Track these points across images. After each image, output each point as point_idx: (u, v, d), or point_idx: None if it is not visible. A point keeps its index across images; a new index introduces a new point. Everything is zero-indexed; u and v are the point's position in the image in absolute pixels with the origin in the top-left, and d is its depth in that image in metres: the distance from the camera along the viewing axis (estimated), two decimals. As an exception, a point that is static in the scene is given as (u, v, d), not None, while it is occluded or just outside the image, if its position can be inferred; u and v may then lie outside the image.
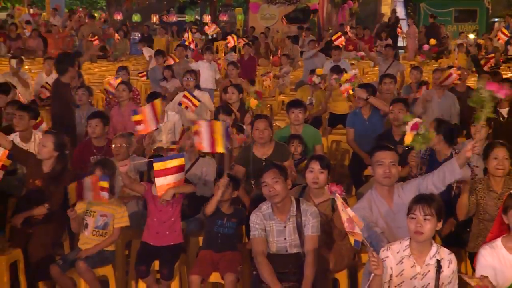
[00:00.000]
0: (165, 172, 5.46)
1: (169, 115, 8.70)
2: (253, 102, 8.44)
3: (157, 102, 6.88)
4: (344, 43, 13.38)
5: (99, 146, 7.23)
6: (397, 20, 24.80)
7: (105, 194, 5.50)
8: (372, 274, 4.14)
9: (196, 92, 9.81)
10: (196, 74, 10.48)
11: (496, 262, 4.15)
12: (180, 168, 5.53)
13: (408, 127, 5.50)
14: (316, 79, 10.64)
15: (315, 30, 23.08)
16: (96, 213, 5.75)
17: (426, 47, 18.57)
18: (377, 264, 4.08)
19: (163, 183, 5.48)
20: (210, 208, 5.50)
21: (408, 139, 5.39)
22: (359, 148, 7.98)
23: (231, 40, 15.06)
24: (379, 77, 10.73)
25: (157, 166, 5.48)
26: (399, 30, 22.61)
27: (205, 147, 5.68)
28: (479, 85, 4.83)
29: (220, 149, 5.55)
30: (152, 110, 6.70)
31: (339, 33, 14.21)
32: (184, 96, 8.92)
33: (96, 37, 16.91)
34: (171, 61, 13.31)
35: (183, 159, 5.58)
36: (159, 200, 5.61)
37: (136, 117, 6.72)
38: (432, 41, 19.39)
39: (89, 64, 18.22)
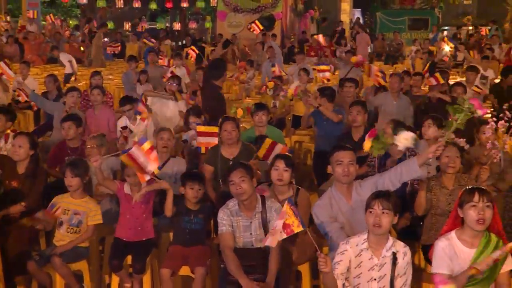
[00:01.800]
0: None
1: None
2: (239, 112, 8.44)
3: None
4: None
5: (74, 147, 7.19)
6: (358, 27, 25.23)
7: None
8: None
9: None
10: (180, 79, 10.46)
11: (452, 253, 4.18)
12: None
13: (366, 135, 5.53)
14: (269, 92, 10.68)
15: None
16: (70, 211, 5.71)
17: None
18: (324, 264, 4.10)
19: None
20: (167, 211, 5.57)
21: (366, 146, 5.40)
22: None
23: (192, 53, 14.96)
24: (339, 81, 10.77)
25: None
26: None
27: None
28: (464, 97, 4.88)
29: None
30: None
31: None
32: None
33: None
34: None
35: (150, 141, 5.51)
36: (132, 199, 5.60)
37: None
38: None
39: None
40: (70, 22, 29.80)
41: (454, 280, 4.08)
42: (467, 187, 4.32)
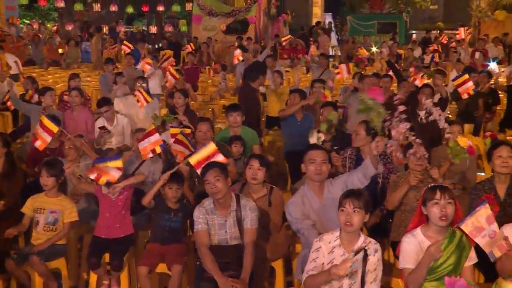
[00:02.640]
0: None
1: (118, 118, 8.63)
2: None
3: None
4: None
5: (52, 147, 7.14)
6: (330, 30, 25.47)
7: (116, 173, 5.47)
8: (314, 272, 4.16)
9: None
10: (147, 80, 10.45)
11: (418, 248, 4.21)
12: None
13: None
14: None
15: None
16: (46, 210, 5.68)
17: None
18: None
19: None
20: (147, 198, 5.55)
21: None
22: None
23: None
24: (311, 82, 10.81)
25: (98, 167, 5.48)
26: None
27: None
28: (361, 96, 4.90)
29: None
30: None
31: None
32: (138, 91, 8.88)
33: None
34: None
35: (120, 160, 5.54)
36: (110, 197, 5.57)
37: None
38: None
39: (42, 71, 17.89)
40: (48, 25, 29.50)
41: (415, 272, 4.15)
42: (429, 186, 4.37)
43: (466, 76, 10.04)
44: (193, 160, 5.53)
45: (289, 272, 5.65)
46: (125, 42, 17.43)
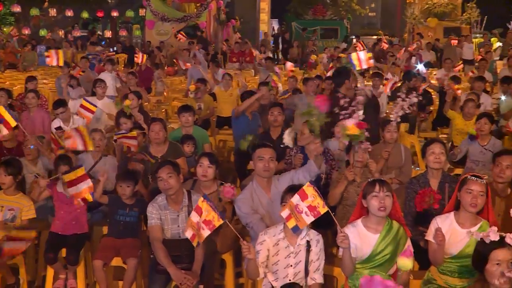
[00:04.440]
0: (76, 181, 5.30)
1: (74, 119, 8.53)
2: (127, 102, 8.33)
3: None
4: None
5: (10, 147, 7.09)
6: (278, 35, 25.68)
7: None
8: (247, 259, 4.18)
9: (105, 99, 9.76)
10: (105, 82, 10.33)
11: (357, 238, 4.26)
12: (85, 176, 5.36)
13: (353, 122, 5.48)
14: (190, 94, 10.74)
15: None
16: (4, 207, 5.57)
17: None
18: (248, 251, 4.13)
19: (76, 191, 5.33)
20: (97, 194, 5.51)
21: (350, 130, 5.26)
22: None
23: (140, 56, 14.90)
24: (258, 85, 10.82)
25: (67, 177, 5.33)
26: None
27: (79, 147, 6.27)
28: (309, 100, 4.99)
29: (90, 147, 6.34)
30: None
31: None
32: (81, 106, 8.66)
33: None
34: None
35: (83, 168, 5.44)
36: (65, 195, 5.47)
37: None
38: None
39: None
40: (5, 29, 28.79)
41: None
42: (369, 180, 4.43)
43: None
44: (67, 177, 5.34)
45: (239, 264, 5.65)
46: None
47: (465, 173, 4.63)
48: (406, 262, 4.21)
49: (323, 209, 4.09)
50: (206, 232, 4.25)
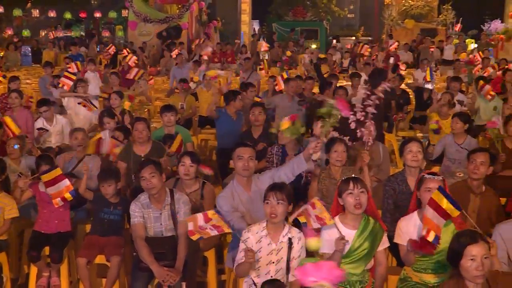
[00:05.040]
0: (54, 181, 5.26)
1: (57, 118, 8.48)
2: (126, 104, 8.33)
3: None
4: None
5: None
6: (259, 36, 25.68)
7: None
8: (243, 260, 4.17)
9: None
10: (86, 82, 10.30)
11: (335, 235, 4.27)
12: (62, 176, 5.32)
13: (287, 117, 5.52)
14: (192, 85, 10.69)
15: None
16: None
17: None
18: (253, 258, 4.13)
19: (56, 191, 5.28)
20: (82, 187, 5.58)
21: (284, 126, 5.36)
22: None
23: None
24: (240, 85, 10.83)
25: (45, 177, 5.29)
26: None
27: None
28: (331, 101, 4.97)
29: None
30: None
31: None
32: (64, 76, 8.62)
33: None
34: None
35: (59, 168, 5.39)
36: (48, 194, 5.43)
37: None
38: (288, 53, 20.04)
39: None
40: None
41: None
42: (343, 178, 4.46)
43: None
44: (44, 177, 5.29)
45: (221, 261, 5.66)
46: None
47: (429, 172, 4.64)
48: (310, 243, 4.12)
49: (329, 222, 4.20)
50: (213, 232, 4.22)
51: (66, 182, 5.28)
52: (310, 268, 3.17)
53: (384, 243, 4.41)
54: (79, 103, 8.86)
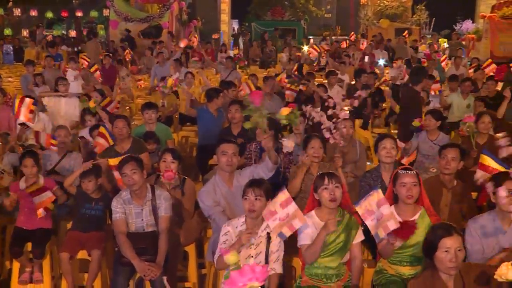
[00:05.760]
0: (38, 192, 5.36)
1: (39, 116, 8.41)
2: (91, 103, 8.25)
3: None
4: None
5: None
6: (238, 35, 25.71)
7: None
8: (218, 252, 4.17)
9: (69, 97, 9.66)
10: (67, 80, 10.23)
11: (312, 228, 4.30)
12: (45, 188, 5.44)
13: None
14: (165, 90, 10.60)
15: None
16: None
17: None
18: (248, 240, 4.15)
19: (40, 200, 5.35)
20: (68, 181, 5.59)
21: (284, 112, 5.29)
22: None
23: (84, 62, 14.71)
24: (219, 83, 10.81)
25: (29, 189, 5.37)
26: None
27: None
28: (245, 100, 4.91)
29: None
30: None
31: None
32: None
33: None
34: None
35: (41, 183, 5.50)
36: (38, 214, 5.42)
37: None
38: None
39: None
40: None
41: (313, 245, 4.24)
42: (318, 174, 4.47)
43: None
44: (29, 189, 5.40)
45: (201, 255, 5.65)
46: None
47: (403, 168, 4.67)
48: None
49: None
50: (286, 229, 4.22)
51: (49, 193, 5.38)
52: (235, 276, 3.19)
53: (359, 237, 4.43)
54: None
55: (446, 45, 22.07)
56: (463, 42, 22.92)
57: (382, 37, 21.25)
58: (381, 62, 12.44)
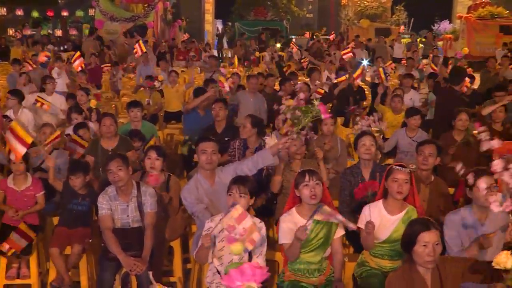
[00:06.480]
0: (18, 138, 5.34)
1: (23, 111, 8.36)
2: (93, 102, 8.24)
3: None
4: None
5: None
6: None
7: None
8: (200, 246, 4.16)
9: (55, 95, 9.58)
10: (54, 79, 10.15)
11: (293, 225, 4.30)
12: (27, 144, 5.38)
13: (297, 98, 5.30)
14: (157, 84, 10.62)
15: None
16: None
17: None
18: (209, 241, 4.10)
19: (14, 144, 5.34)
20: (51, 178, 5.56)
21: (289, 103, 5.20)
22: None
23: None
24: (204, 82, 10.78)
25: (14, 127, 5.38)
26: None
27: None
28: (315, 101, 4.84)
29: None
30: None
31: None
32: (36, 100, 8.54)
33: None
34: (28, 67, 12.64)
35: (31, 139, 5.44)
36: (16, 190, 5.39)
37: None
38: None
39: None
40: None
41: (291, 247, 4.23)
42: (299, 171, 4.48)
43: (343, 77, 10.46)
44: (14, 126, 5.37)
45: (186, 250, 5.65)
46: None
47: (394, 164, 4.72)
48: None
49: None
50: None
51: (24, 149, 5.32)
52: (234, 274, 3.18)
53: (340, 231, 4.44)
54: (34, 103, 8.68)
55: (421, 45, 22.26)
56: (440, 42, 23.09)
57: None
58: (365, 62, 12.49)
